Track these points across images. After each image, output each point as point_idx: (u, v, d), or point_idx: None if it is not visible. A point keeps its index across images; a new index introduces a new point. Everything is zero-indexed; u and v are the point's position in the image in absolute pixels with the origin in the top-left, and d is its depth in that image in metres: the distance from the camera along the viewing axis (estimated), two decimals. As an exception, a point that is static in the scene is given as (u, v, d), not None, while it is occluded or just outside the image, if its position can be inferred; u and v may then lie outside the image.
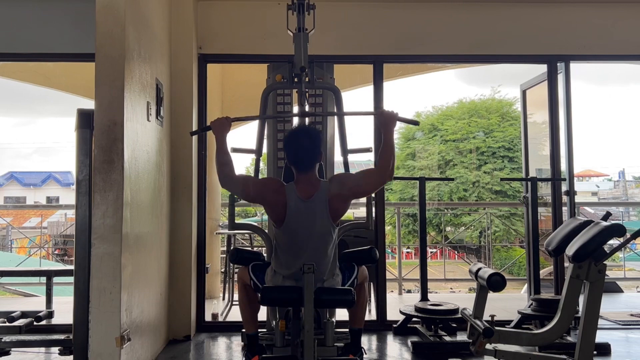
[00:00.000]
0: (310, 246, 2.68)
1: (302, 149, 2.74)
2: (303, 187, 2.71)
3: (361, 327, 2.93)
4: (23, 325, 3.41)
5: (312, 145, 2.75)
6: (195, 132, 3.86)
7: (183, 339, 4.09)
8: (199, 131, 4.06)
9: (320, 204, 2.67)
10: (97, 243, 2.79)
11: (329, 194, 2.68)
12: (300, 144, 2.75)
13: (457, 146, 16.72)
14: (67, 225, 11.42)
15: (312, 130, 2.92)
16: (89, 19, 2.98)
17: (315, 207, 2.67)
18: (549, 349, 3.29)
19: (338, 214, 2.73)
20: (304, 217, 2.67)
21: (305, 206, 2.67)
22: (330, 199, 2.68)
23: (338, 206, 2.70)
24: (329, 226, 2.70)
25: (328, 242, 2.71)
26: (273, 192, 2.71)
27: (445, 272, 8.26)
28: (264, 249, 4.96)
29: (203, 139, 4.45)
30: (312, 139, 2.77)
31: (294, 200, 2.67)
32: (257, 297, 2.80)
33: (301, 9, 3.18)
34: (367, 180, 2.76)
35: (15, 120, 59.98)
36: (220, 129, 2.80)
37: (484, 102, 17.54)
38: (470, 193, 16.01)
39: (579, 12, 4.63)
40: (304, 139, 2.77)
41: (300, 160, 2.74)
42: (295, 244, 2.70)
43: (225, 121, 2.83)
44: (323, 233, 2.69)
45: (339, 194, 2.69)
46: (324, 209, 2.67)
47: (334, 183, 2.74)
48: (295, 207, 2.67)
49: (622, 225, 2.76)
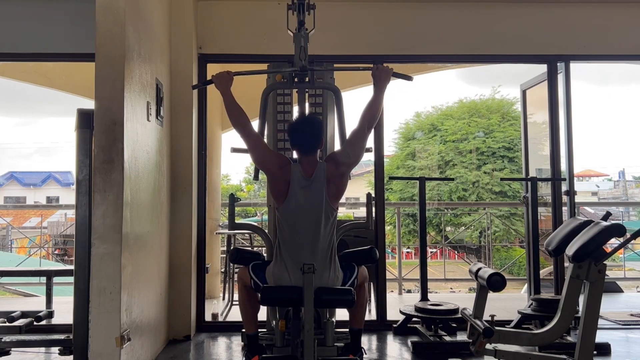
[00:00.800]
0: (310, 226, 2.72)
1: (305, 133, 2.84)
2: (305, 166, 2.79)
3: (361, 327, 2.94)
4: (23, 325, 3.41)
5: (315, 130, 2.87)
6: (196, 86, 3.92)
7: (183, 339, 4.09)
8: (200, 85, 4.10)
9: (320, 182, 2.75)
10: (97, 243, 2.79)
11: (326, 172, 2.76)
12: (305, 129, 2.86)
13: (457, 146, 16.71)
14: (67, 225, 11.42)
15: (315, 118, 3.09)
16: (89, 19, 2.98)
17: (316, 185, 2.75)
18: (549, 349, 3.29)
19: (337, 191, 2.80)
20: (305, 196, 2.74)
21: (306, 184, 2.75)
22: (328, 177, 2.76)
23: (336, 183, 2.78)
24: (327, 206, 2.75)
25: (327, 221, 2.75)
26: (281, 166, 2.79)
27: (445, 272, 8.25)
28: (264, 249, 4.96)
29: (203, 139, 4.45)
30: (314, 125, 2.89)
31: (298, 178, 2.75)
32: (257, 297, 2.80)
33: (301, 9, 3.18)
34: (353, 143, 2.84)
35: (16, 120, 60.09)
36: (223, 81, 2.91)
37: (484, 102, 17.53)
38: (470, 193, 16.00)
39: (579, 12, 4.63)
40: (308, 124, 2.89)
41: (303, 143, 2.83)
42: (295, 223, 2.74)
43: (227, 75, 2.93)
44: (322, 212, 2.74)
45: (335, 169, 2.78)
46: (323, 187, 2.74)
47: (329, 161, 2.83)
48: (297, 184, 2.74)
49: (622, 225, 2.76)
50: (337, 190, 2.80)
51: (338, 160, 2.81)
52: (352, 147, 2.84)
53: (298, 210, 2.74)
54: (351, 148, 2.84)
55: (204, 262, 4.41)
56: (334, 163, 2.80)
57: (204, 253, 4.41)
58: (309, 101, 3.53)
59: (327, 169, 2.77)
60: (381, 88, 2.88)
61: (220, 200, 6.56)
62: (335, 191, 2.79)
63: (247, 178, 22.66)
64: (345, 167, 2.80)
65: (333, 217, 2.78)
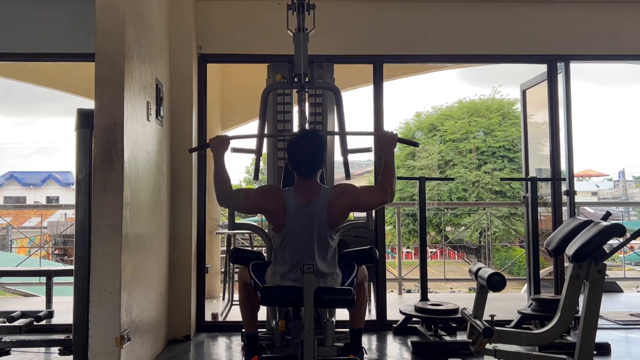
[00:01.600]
0: (309, 251, 2.67)
1: (305, 154, 2.74)
2: (303, 192, 2.71)
3: (361, 327, 2.93)
4: (23, 325, 3.41)
5: (316, 151, 2.75)
6: (193, 150, 3.81)
7: (183, 339, 4.09)
8: (197, 148, 4.06)
9: (320, 210, 2.67)
10: (97, 243, 2.79)
11: (329, 201, 2.68)
12: (304, 150, 2.75)
13: (457, 146, 16.71)
14: (67, 225, 11.41)
15: (317, 136, 2.89)
16: (89, 19, 2.98)
17: (315, 212, 2.67)
18: (549, 349, 3.29)
19: (336, 222, 2.73)
20: (303, 222, 2.68)
21: (304, 211, 2.68)
22: (329, 207, 2.68)
23: (337, 215, 2.71)
24: (327, 232, 2.70)
25: (327, 248, 2.71)
26: (272, 199, 2.71)
27: (445, 272, 8.25)
28: (264, 249, 4.96)
29: (203, 139, 4.45)
30: (315, 145, 2.77)
31: (293, 206, 2.68)
32: (257, 296, 2.80)
33: (301, 9, 3.18)
34: (368, 197, 2.75)
35: (17, 120, 60.06)
36: (219, 146, 2.79)
37: (484, 102, 17.54)
38: (470, 193, 16.01)
39: (579, 12, 4.63)
40: (308, 145, 2.77)
41: (302, 165, 2.74)
42: (293, 249, 2.70)
43: (224, 139, 2.82)
44: (321, 239, 2.69)
45: (339, 204, 2.70)
46: (323, 216, 2.67)
47: (336, 192, 2.74)
48: (294, 212, 2.67)
49: (622, 225, 2.76)
50: (337, 220, 2.73)
51: (347, 194, 2.72)
52: (369, 198, 2.74)
53: (296, 237, 2.69)
54: (367, 197, 2.74)
55: (204, 262, 4.41)
56: (341, 192, 2.73)
57: (204, 253, 4.41)
58: (309, 101, 3.52)
59: (331, 196, 2.69)
60: (389, 155, 2.78)
61: (220, 200, 6.55)
62: (335, 221, 2.71)
63: (247, 178, 22.66)
64: (350, 203, 2.72)
65: (333, 241, 2.74)
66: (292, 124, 3.66)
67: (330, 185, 3.38)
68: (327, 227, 2.69)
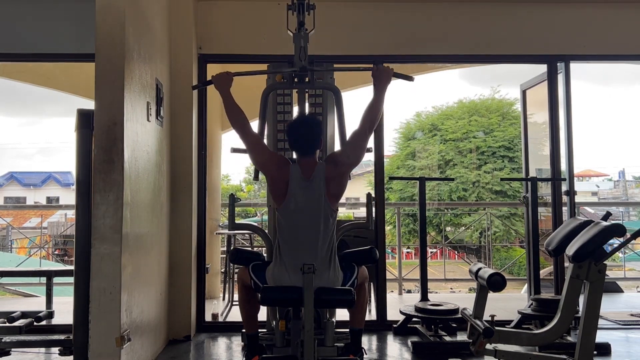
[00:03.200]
0: (310, 226, 2.72)
1: (303, 135, 2.83)
2: (304, 167, 2.79)
3: (361, 327, 2.93)
4: (23, 326, 3.41)
5: (313, 131, 2.85)
6: (196, 86, 3.92)
7: (183, 339, 4.09)
8: (200, 85, 4.10)
9: (319, 183, 2.74)
10: (97, 243, 2.79)
11: (326, 173, 2.76)
12: (302, 131, 2.84)
13: (457, 146, 16.70)
14: (67, 226, 11.39)
15: (314, 118, 3.04)
16: (89, 19, 2.98)
17: (315, 185, 2.74)
18: (549, 349, 3.29)
19: (337, 192, 2.80)
20: (305, 196, 2.74)
21: (306, 184, 2.75)
22: (327, 178, 2.75)
23: (336, 183, 2.78)
24: (327, 206, 2.75)
25: (326, 222, 2.75)
26: (279, 166, 2.80)
27: (445, 272, 8.26)
28: (264, 249, 4.96)
29: (203, 139, 4.45)
30: (313, 126, 2.87)
31: (297, 179, 2.75)
32: (257, 297, 2.80)
33: (301, 9, 3.18)
34: (352, 143, 2.84)
35: (20, 120, 60.06)
36: (222, 82, 2.92)
37: (484, 102, 17.53)
38: (470, 193, 15.99)
39: (579, 12, 4.63)
40: (306, 126, 2.87)
41: (301, 145, 2.82)
42: (295, 223, 2.74)
43: (227, 75, 2.94)
44: (322, 212, 2.74)
45: (334, 169, 2.77)
46: (322, 188, 2.74)
47: (329, 162, 2.83)
48: (296, 185, 2.74)
49: (622, 225, 2.76)
50: (337, 190, 2.80)
51: (338, 161, 2.81)
52: (353, 148, 2.83)
53: (297, 211, 2.74)
54: (351, 149, 2.84)
55: (204, 262, 4.41)
56: (333, 163, 2.80)
57: (204, 253, 4.41)
58: (309, 101, 3.52)
59: (327, 169, 2.77)
60: (381, 89, 2.88)
61: (220, 201, 6.56)
62: (335, 192, 2.79)
63: (247, 178, 22.67)
64: (344, 167, 2.80)
65: (333, 217, 2.79)
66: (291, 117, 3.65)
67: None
68: (327, 201, 2.75)
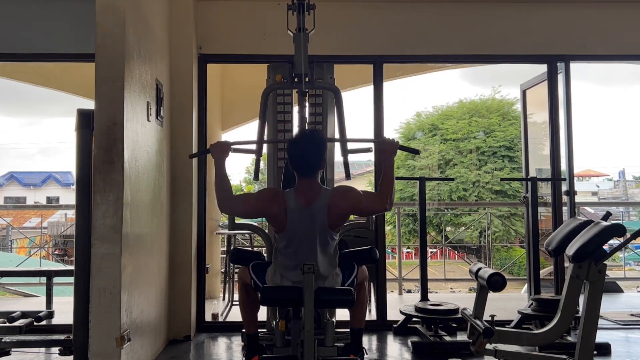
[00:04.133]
0: (310, 252, 2.67)
1: (305, 154, 2.73)
2: (304, 194, 2.70)
3: (362, 327, 2.93)
4: (23, 326, 3.41)
5: (316, 151, 2.74)
6: (194, 155, 3.81)
7: (183, 339, 4.09)
8: (198, 154, 4.05)
9: (320, 212, 2.67)
10: (97, 243, 2.79)
11: (329, 203, 2.68)
12: (304, 150, 2.74)
13: (457, 146, 16.70)
14: (67, 226, 11.41)
15: (317, 136, 2.90)
16: (89, 19, 2.98)
17: (315, 214, 2.67)
18: (549, 349, 3.29)
19: (337, 223, 2.73)
20: (304, 224, 2.67)
21: (304, 213, 2.67)
22: (330, 208, 2.67)
23: (337, 216, 2.71)
24: (327, 233, 2.70)
25: (328, 249, 2.71)
26: (273, 202, 2.70)
27: (445, 272, 8.26)
28: (264, 249, 4.96)
29: (203, 139, 4.45)
30: (316, 145, 2.76)
31: (294, 207, 2.67)
32: (257, 297, 2.80)
33: (301, 9, 3.18)
34: (370, 202, 2.76)
35: (23, 120, 60.04)
36: (220, 152, 2.80)
37: (484, 102, 17.53)
38: (470, 193, 15.99)
39: (579, 12, 4.63)
40: (308, 145, 2.76)
41: (303, 166, 2.73)
42: (294, 250, 2.70)
43: (225, 145, 2.83)
44: (322, 240, 2.69)
45: (340, 206, 2.69)
46: (324, 217, 2.67)
47: (337, 194, 2.73)
48: (294, 214, 2.67)
49: (622, 225, 2.76)
50: (338, 223, 2.74)
51: (346, 198, 2.70)
52: (368, 203, 2.74)
53: (296, 239, 2.69)
54: (367, 203, 2.74)
55: (204, 262, 4.41)
56: (342, 199, 2.70)
57: (204, 253, 4.41)
58: (309, 101, 3.52)
59: (332, 199, 2.68)
60: (389, 163, 2.78)
61: (220, 201, 6.54)
62: (336, 222, 2.72)
63: (247, 178, 22.65)
64: (350, 208, 2.72)
65: (334, 241, 2.74)
66: (292, 124, 3.66)
67: (331, 186, 3.38)
68: (328, 229, 2.69)
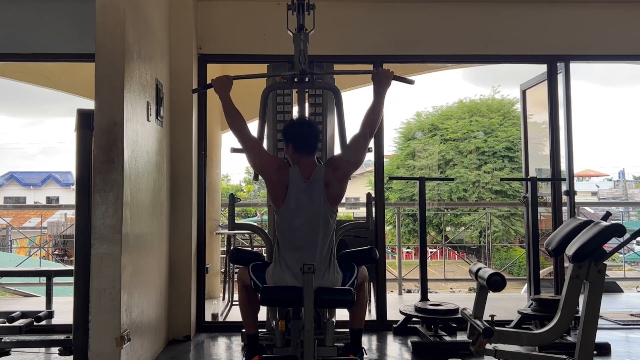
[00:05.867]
0: (310, 228, 2.71)
1: (304, 133, 2.84)
2: (304, 168, 2.78)
3: (361, 327, 2.93)
4: (23, 326, 3.41)
5: (313, 131, 2.88)
6: (196, 90, 3.91)
7: (183, 339, 4.09)
8: (200, 89, 4.08)
9: (318, 185, 2.74)
10: (97, 243, 2.79)
11: (325, 175, 2.75)
12: (302, 130, 2.87)
13: (457, 146, 16.70)
14: (67, 226, 11.40)
15: (311, 120, 3.15)
16: (89, 19, 2.98)
17: (314, 187, 2.74)
18: (549, 349, 3.30)
19: (336, 195, 2.79)
20: (304, 198, 2.73)
21: (305, 186, 2.74)
22: (326, 180, 2.75)
23: (335, 187, 2.77)
24: (326, 208, 2.75)
25: (326, 224, 2.75)
26: (278, 169, 2.79)
27: (445, 272, 8.26)
28: (264, 249, 4.96)
29: (203, 139, 4.45)
30: (312, 126, 2.91)
31: (296, 181, 2.74)
32: (257, 297, 2.80)
33: (301, 8, 3.18)
34: (352, 147, 2.84)
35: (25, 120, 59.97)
36: (222, 86, 2.89)
37: (484, 101, 17.53)
38: (470, 193, 15.99)
39: (579, 12, 4.63)
40: (305, 126, 2.90)
41: (302, 143, 2.82)
42: (294, 225, 2.74)
43: (226, 79, 2.92)
44: (321, 214, 2.74)
45: (334, 173, 2.77)
46: (321, 190, 2.73)
47: (329, 165, 2.83)
48: (296, 187, 2.73)
49: (622, 225, 2.75)
50: (336, 193, 2.78)
51: (337, 164, 2.80)
52: (352, 152, 2.83)
53: (297, 213, 2.73)
54: (351, 152, 2.83)
55: (204, 262, 4.41)
56: (332, 167, 2.80)
57: (204, 253, 4.41)
58: (309, 101, 3.52)
59: (326, 172, 2.76)
60: (382, 92, 2.87)
61: (220, 200, 6.56)
62: (334, 194, 2.78)
63: (247, 178, 22.68)
64: (344, 170, 2.79)
65: (332, 218, 2.78)
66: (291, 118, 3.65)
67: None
68: (327, 203, 2.74)
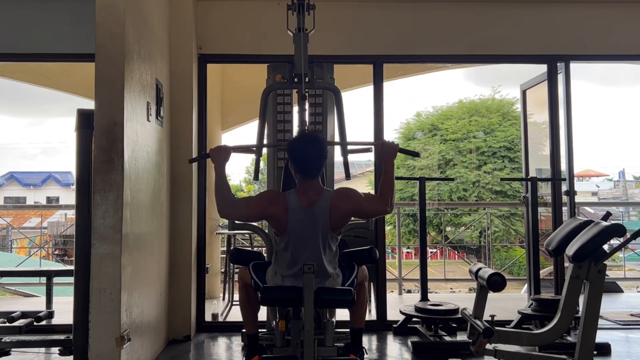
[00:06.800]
0: (311, 254, 2.67)
1: (307, 157, 2.72)
2: (305, 195, 2.70)
3: (362, 326, 2.93)
4: (23, 326, 3.41)
5: (317, 153, 2.73)
6: (193, 160, 3.73)
7: (183, 339, 4.09)
8: (197, 159, 4.01)
9: (322, 213, 2.67)
10: (97, 243, 2.79)
11: (330, 204, 2.68)
12: (306, 151, 2.73)
13: (457, 146, 16.69)
14: (67, 226, 11.40)
15: (318, 137, 2.90)
16: (89, 19, 2.98)
17: (316, 215, 2.67)
18: (549, 349, 3.29)
19: (338, 225, 2.73)
20: (305, 225, 2.67)
21: (306, 215, 2.67)
22: (331, 210, 2.67)
23: (339, 218, 2.71)
24: (328, 235, 2.70)
25: (329, 250, 2.71)
26: (274, 204, 2.69)
27: (445, 272, 8.26)
28: (264, 249, 4.96)
29: (203, 139, 4.45)
30: (317, 146, 2.75)
31: (295, 209, 2.67)
32: (257, 297, 2.80)
33: (301, 9, 3.18)
34: (370, 204, 2.75)
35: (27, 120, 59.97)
36: (220, 157, 2.76)
37: (484, 101, 17.52)
38: (470, 193, 15.99)
39: (579, 12, 4.63)
40: (309, 146, 2.74)
41: (304, 167, 2.72)
42: (296, 251, 2.70)
43: (225, 149, 2.80)
44: (323, 241, 2.69)
45: (341, 207, 2.69)
46: (325, 218, 2.67)
47: (338, 195, 2.73)
48: (296, 215, 2.66)
49: (622, 225, 2.75)
50: (340, 224, 2.73)
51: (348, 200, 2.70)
52: (369, 206, 2.74)
53: (297, 241, 2.68)
54: (367, 204, 2.74)
55: (204, 262, 4.41)
56: (343, 200, 2.70)
57: (204, 253, 4.41)
58: (309, 101, 3.52)
59: (333, 200, 2.68)
60: (389, 165, 2.79)
61: (220, 201, 6.54)
62: (338, 224, 2.72)
63: (247, 178, 22.64)
64: (351, 209, 2.72)
65: (335, 242, 2.74)
66: (292, 124, 3.65)
67: (331, 185, 3.38)
68: (329, 230, 2.69)
